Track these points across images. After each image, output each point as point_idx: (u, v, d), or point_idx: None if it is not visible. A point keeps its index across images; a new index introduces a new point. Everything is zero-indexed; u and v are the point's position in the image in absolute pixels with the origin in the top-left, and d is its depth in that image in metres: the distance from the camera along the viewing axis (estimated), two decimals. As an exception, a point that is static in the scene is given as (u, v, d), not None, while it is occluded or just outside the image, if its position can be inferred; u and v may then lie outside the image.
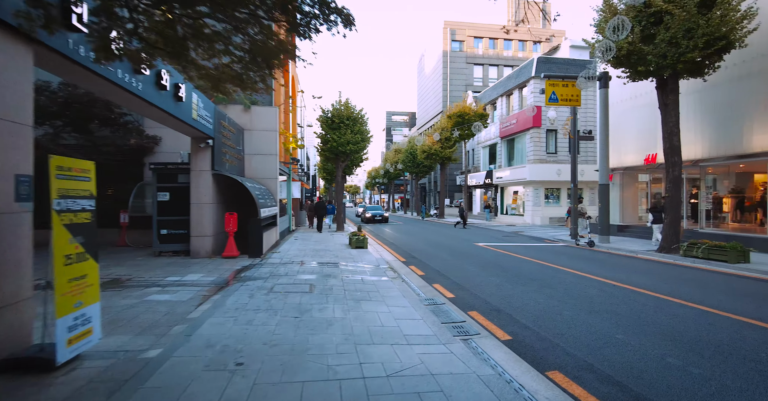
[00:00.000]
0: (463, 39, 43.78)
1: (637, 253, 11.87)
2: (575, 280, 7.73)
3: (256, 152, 12.55)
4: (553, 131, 25.27)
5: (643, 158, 15.48)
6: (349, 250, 11.48)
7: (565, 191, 25.41)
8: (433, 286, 7.20)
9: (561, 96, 14.32)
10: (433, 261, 10.07)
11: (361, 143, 17.95)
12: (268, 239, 11.02)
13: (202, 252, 9.34)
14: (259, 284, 6.71)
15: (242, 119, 12.40)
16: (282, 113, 14.87)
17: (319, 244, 13.02)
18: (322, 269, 8.20)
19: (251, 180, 11.36)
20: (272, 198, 12.13)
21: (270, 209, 11.04)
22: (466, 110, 26.64)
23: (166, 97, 6.45)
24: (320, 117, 18.08)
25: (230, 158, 10.54)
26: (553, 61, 25.41)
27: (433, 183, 45.81)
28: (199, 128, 8.16)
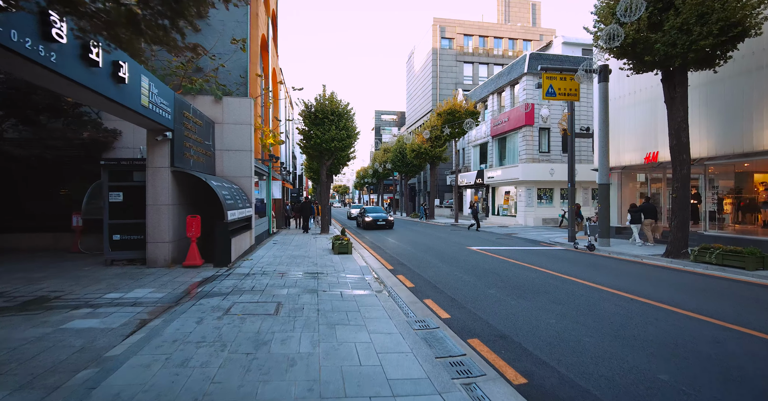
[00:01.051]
0: (453, 36, 42.96)
1: (642, 258, 11.03)
2: (584, 292, 6.78)
3: (228, 147, 11.37)
4: (545, 130, 24.52)
5: (642, 156, 14.72)
6: (331, 256, 10.39)
7: (559, 191, 24.70)
8: (424, 302, 6.17)
9: (559, 90, 13.46)
10: (423, 269, 9.05)
11: (346, 140, 16.83)
12: (240, 244, 9.88)
13: (159, 261, 8.16)
14: (216, 302, 5.58)
15: (213, 112, 11.22)
16: (259, 106, 13.71)
17: (298, 249, 11.89)
18: (296, 282, 7.10)
19: (220, 179, 10.19)
20: (245, 199, 10.98)
21: (242, 211, 9.89)
22: (456, 107, 25.74)
23: (101, 77, 5.29)
24: (302, 112, 16.92)
25: (196, 154, 9.37)
26: (545, 57, 24.67)
27: (423, 183, 44.92)
28: (151, 118, 6.99)
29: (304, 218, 24.08)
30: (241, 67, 12.91)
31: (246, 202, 10.93)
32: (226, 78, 12.64)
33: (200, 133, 9.88)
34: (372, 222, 21.53)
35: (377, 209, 23.38)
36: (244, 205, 10.51)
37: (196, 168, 9.31)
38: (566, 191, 25.05)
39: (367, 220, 21.70)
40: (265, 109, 16.04)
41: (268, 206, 15.94)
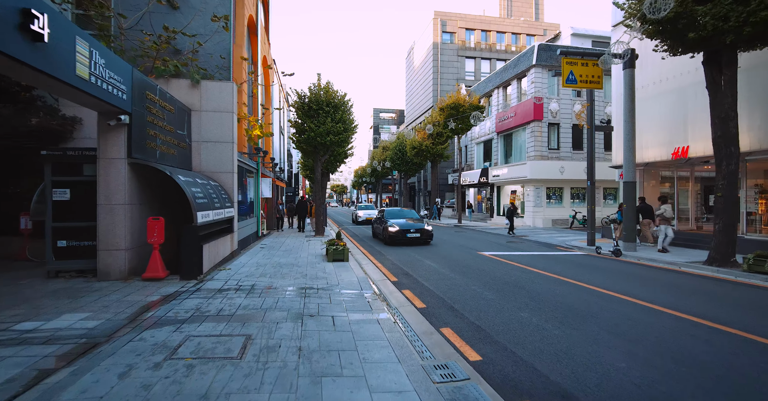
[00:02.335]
0: (454, 31, 41.56)
1: (679, 265, 9.65)
2: (642, 316, 5.36)
3: (207, 138, 9.92)
4: (555, 125, 23.14)
5: (669, 152, 13.33)
6: (324, 265, 8.94)
7: (569, 190, 23.33)
8: (441, 332, 4.74)
9: (580, 77, 12.06)
10: (433, 281, 7.61)
11: (343, 134, 15.37)
12: (216, 251, 8.42)
13: (113, 272, 6.70)
14: (163, 336, 4.14)
15: (189, 98, 9.77)
16: (244, 94, 12.24)
17: (287, 255, 10.44)
18: (276, 302, 5.66)
19: (195, 174, 8.73)
20: (226, 198, 9.52)
21: (219, 212, 8.44)
22: (460, 101, 24.33)
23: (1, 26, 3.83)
24: (295, 102, 15.45)
25: (164, 144, 7.90)
26: (555, 48, 23.27)
27: (423, 182, 43.53)
28: (96, 95, 5.53)
29: (299, 217, 22.68)
30: (225, 50, 11.43)
31: (226, 201, 9.48)
32: (207, 62, 11.15)
33: (171, 120, 8.42)
34: (399, 235, 13.46)
35: (405, 213, 15.60)
36: (224, 204, 9.06)
37: (164, 161, 7.85)
38: (577, 191, 23.73)
39: (391, 231, 13.52)
40: (253, 98, 14.57)
41: (256, 206, 14.48)
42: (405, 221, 14.32)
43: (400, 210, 16.11)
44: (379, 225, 15.29)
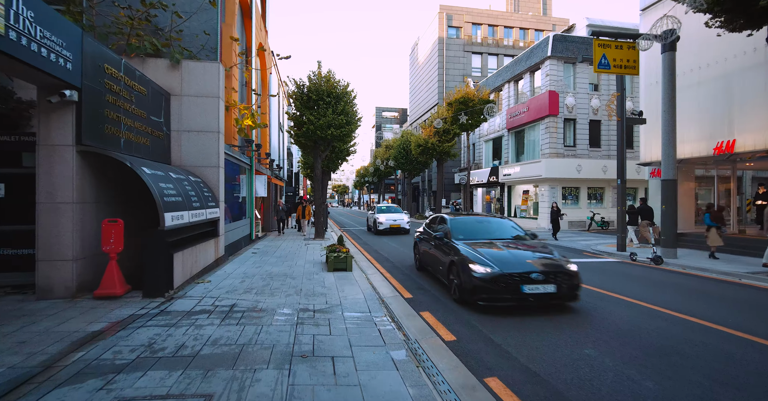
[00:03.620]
0: (461, 25, 40.16)
1: (739, 277, 8.24)
2: (747, 353, 3.97)
3: (188, 127, 8.56)
4: (571, 121, 21.72)
5: (710, 147, 11.91)
6: (323, 275, 7.56)
7: (585, 190, 21.90)
8: (486, 384, 3.35)
9: (614, 61, 10.66)
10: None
11: (345, 127, 14.00)
12: (195, 259, 7.05)
13: (58, 289, 5.33)
14: (80, 399, 2.76)
15: (168, 80, 8.42)
16: (234, 79, 10.88)
17: (281, 262, 9.06)
18: (259, 333, 4.28)
19: (168, 167, 7.35)
20: (209, 196, 8.16)
21: (198, 213, 7.07)
22: (470, 95, 22.92)
23: None
24: (293, 93, 14.09)
25: (131, 131, 6.54)
26: (570, 39, 21.89)
27: (428, 182, 42.12)
28: (19, 58, 4.17)
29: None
30: (212, 30, 10.07)
31: (209, 200, 8.11)
32: (192, 43, 9.78)
33: (143, 104, 7.06)
34: (510, 288, 5.30)
35: (489, 226, 7.50)
36: (205, 204, 7.69)
37: (132, 151, 6.49)
38: (594, 191, 22.30)
39: (475, 276, 5.43)
40: (247, 87, 13.21)
41: (249, 206, 13.11)
42: (508, 250, 6.01)
43: (479, 220, 7.78)
44: (439, 253, 7.04)
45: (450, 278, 6.28)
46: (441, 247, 6.95)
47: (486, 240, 6.64)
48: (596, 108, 21.80)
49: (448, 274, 6.35)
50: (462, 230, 7.08)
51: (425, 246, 8.05)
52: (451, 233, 6.97)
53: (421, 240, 8.53)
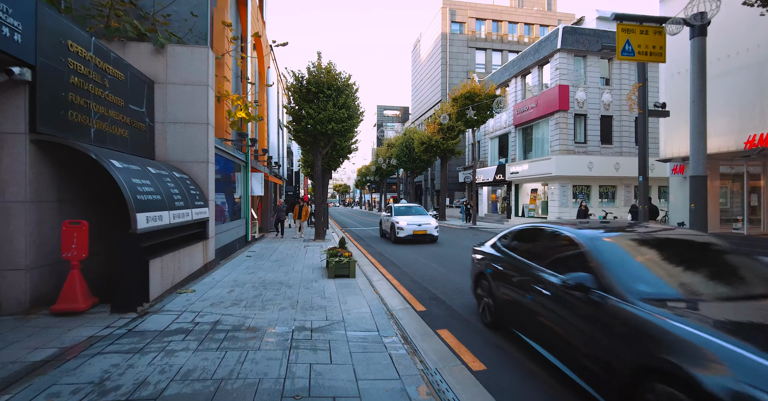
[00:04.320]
0: (464, 21, 39.29)
1: None
2: None
3: (174, 119, 7.75)
4: (581, 116, 20.86)
5: (741, 140, 11.07)
6: (323, 283, 6.74)
7: (597, 188, 21.04)
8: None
9: (638, 47, 9.79)
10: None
11: (347, 122, 13.17)
12: (178, 265, 6.23)
13: (7, 303, 4.51)
14: None
15: (152, 67, 7.61)
16: (227, 68, 10.05)
17: (277, 268, 8.24)
18: (242, 361, 3.45)
19: (149, 162, 6.54)
20: (195, 194, 7.35)
21: (181, 213, 6.27)
22: (476, 90, 22.06)
23: None
24: (291, 85, 13.26)
25: (104, 121, 5.73)
26: (580, 31, 21.03)
27: (431, 181, 41.29)
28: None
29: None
30: (201, 12, 9.25)
31: (196, 199, 7.30)
32: (180, 28, 8.98)
33: (120, 91, 6.24)
34: None
35: None
36: (191, 203, 6.88)
37: (106, 143, 5.67)
38: (606, 189, 21.44)
39: None
40: (242, 79, 12.39)
41: (245, 205, 12.30)
42: None
43: None
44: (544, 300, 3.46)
45: None
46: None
47: None
48: (608, 103, 20.94)
49: None
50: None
51: (506, 286, 4.22)
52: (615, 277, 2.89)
53: (488, 267, 4.75)
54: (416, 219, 13.92)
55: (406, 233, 13.38)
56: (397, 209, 14.86)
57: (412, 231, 13.37)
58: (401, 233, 13.45)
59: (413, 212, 14.79)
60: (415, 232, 13.39)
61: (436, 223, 13.91)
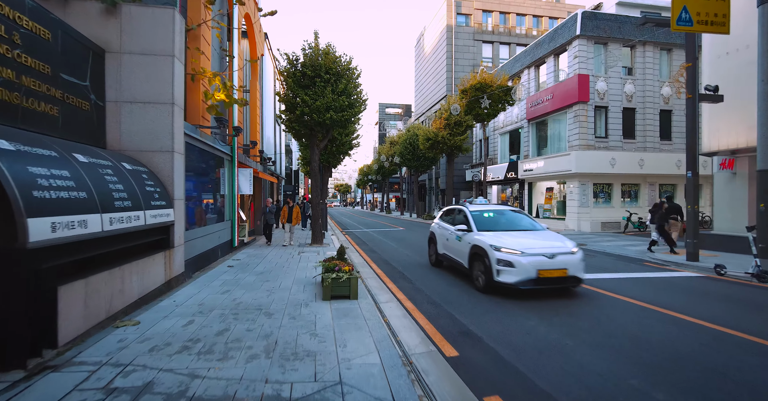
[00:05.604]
0: (470, 13, 37.65)
1: None
2: None
3: (131, 97, 6.18)
4: (602, 109, 19.21)
5: (808, 129, 9.40)
6: (315, 308, 5.14)
7: (619, 187, 19.39)
8: None
9: (698, 15, 8.18)
10: (528, 358, 3.83)
11: (348, 111, 11.58)
12: (122, 286, 4.65)
13: None
14: None
15: (102, 32, 6.04)
16: (203, 41, 8.47)
17: (260, 283, 6.64)
18: None
19: (78, 148, 4.93)
20: (152, 192, 5.76)
21: (126, 216, 4.69)
22: (487, 80, 20.40)
23: None
24: (285, 69, 11.66)
25: (10, 89, 4.14)
26: (601, 17, 19.38)
27: (435, 180, 39.67)
28: None
29: (303, 219, 18.92)
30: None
31: (156, 197, 5.72)
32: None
33: (44, 54, 4.66)
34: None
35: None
36: (145, 203, 5.30)
37: (13, 121, 4.09)
38: (628, 188, 19.78)
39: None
40: (230, 58, 10.79)
41: (230, 206, 10.71)
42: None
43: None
44: None
45: None
46: None
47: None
48: (630, 94, 19.31)
49: None
50: None
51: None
52: None
53: None
54: (534, 241, 6.54)
55: (523, 275, 5.94)
56: (478, 217, 7.57)
57: (535, 271, 5.94)
58: (510, 273, 6.01)
59: (514, 224, 7.58)
60: (543, 273, 5.95)
61: (577, 249, 6.42)
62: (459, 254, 7.42)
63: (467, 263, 6.98)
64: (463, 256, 7.15)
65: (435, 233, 9.05)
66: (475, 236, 6.85)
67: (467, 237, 7.12)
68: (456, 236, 7.58)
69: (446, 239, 8.18)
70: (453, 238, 7.74)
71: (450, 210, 8.89)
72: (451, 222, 8.20)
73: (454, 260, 7.72)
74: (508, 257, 6.06)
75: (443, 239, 8.40)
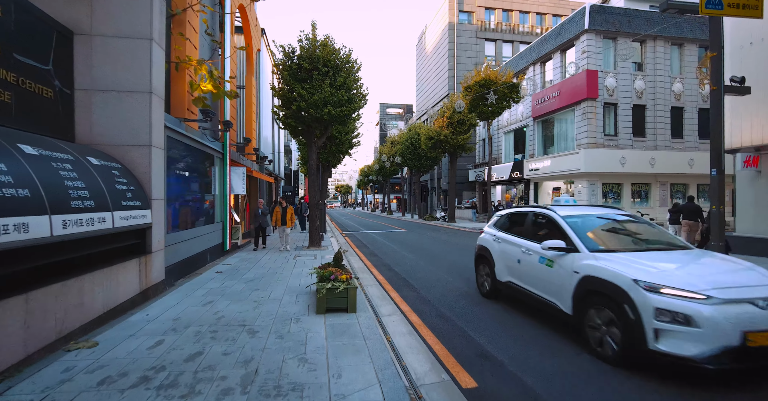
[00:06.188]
0: (473, 10, 37.00)
1: None
2: None
3: (103, 85, 5.53)
4: (611, 106, 18.53)
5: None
6: (308, 324, 4.47)
7: (629, 186, 18.70)
8: None
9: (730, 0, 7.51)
10: (562, 388, 3.15)
11: (347, 106, 10.92)
12: (81, 300, 4.00)
13: None
14: None
15: (71, 10, 5.39)
16: (191, 27, 7.83)
17: (248, 292, 5.96)
18: None
19: (20, 139, 4.28)
20: (124, 191, 5.10)
21: (85, 219, 4.04)
22: (491, 76, 19.75)
23: None
24: (280, 62, 11.02)
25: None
26: (610, 10, 18.73)
27: (437, 180, 39.01)
28: None
29: (300, 220, 18.24)
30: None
31: (126, 197, 5.06)
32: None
33: (-9, 29, 4.03)
34: None
35: None
36: (112, 204, 4.64)
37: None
38: (638, 187, 19.10)
39: None
40: (215, 42, 10.15)
41: (222, 206, 10.05)
42: None
43: None
44: None
45: None
46: None
47: None
48: (640, 91, 18.64)
49: None
50: None
51: None
52: None
53: None
54: (712, 272, 3.64)
55: (714, 342, 3.06)
56: (581, 227, 4.69)
57: (738, 334, 3.05)
58: (687, 338, 3.15)
59: (645, 239, 4.71)
60: (755, 338, 3.06)
61: None
62: (548, 288, 4.56)
63: (570, 307, 4.13)
64: (561, 294, 4.30)
65: (490, 249, 6.02)
66: (591, 262, 4.01)
67: (568, 262, 4.26)
68: (540, 258, 4.71)
69: (516, 261, 5.26)
70: (532, 260, 4.88)
71: (517, 215, 5.92)
72: (524, 234, 5.38)
73: (536, 297, 4.79)
74: (680, 306, 3.18)
75: (508, 259, 5.50)
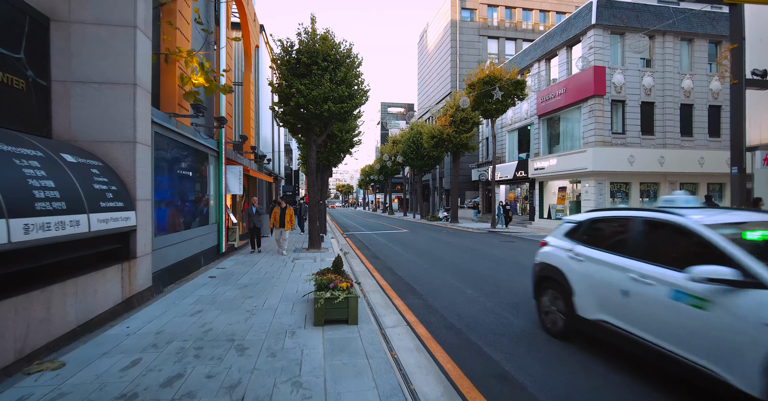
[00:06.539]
0: (475, 8, 36.50)
1: None
2: None
3: (82, 77, 5.10)
4: (619, 103, 18.04)
5: None
6: (304, 338, 4.02)
7: (638, 186, 18.21)
8: None
9: (753, -15, 7.06)
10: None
11: (348, 102, 10.47)
12: (52, 313, 3.57)
13: None
14: None
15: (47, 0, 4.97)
16: (182, 18, 7.40)
17: (240, 300, 5.52)
18: None
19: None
20: (104, 191, 4.67)
21: (54, 222, 3.60)
22: (496, 73, 19.26)
23: None
24: (278, 56, 10.58)
25: None
26: (617, 5, 18.24)
27: (439, 180, 38.55)
28: None
29: (300, 221, 17.83)
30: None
31: (106, 198, 4.63)
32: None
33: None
34: None
35: None
36: (89, 205, 4.21)
37: None
38: (647, 187, 18.60)
39: None
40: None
41: (217, 207, 9.61)
42: None
43: None
44: None
45: None
46: None
47: None
48: (649, 88, 18.14)
49: None
50: None
51: None
52: None
53: None
54: None
55: None
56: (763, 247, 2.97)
57: None
58: None
59: None
60: None
61: None
62: (695, 343, 2.81)
63: (759, 386, 2.39)
64: (729, 357, 2.60)
65: (564, 271, 4.18)
66: None
67: (747, 304, 2.56)
68: (674, 291, 2.97)
69: (619, 292, 3.46)
70: (654, 294, 3.13)
71: (612, 222, 4.11)
72: (630, 252, 3.54)
73: (665, 354, 3.00)
74: None
75: (602, 287, 3.68)
